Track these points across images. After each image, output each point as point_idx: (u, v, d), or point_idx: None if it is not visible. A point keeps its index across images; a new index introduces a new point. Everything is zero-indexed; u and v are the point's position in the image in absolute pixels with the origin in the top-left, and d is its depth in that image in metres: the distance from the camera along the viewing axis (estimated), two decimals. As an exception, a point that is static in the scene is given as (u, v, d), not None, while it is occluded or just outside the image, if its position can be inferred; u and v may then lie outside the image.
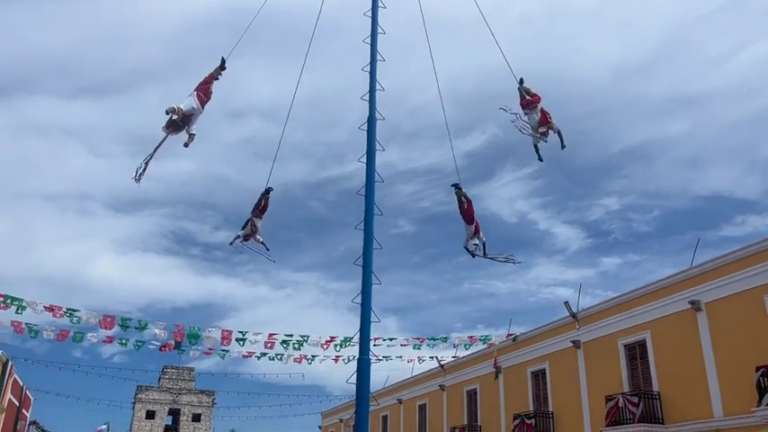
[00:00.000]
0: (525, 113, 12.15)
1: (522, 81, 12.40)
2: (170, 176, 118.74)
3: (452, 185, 13.39)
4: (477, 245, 13.44)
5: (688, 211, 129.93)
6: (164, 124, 10.27)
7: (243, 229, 14.07)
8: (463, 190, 13.33)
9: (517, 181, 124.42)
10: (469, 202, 13.42)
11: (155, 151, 10.49)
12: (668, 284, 19.52)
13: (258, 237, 13.64)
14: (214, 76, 11.14)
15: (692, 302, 18.25)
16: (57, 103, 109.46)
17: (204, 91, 10.88)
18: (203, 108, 10.72)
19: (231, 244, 13.79)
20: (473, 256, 13.56)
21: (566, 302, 23.70)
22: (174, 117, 10.20)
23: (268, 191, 14.06)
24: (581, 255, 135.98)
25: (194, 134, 10.63)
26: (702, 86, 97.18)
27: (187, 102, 10.51)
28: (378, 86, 14.03)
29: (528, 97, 12.22)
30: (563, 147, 12.20)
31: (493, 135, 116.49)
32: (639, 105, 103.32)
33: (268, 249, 13.69)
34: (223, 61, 11.25)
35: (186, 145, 10.65)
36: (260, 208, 14.06)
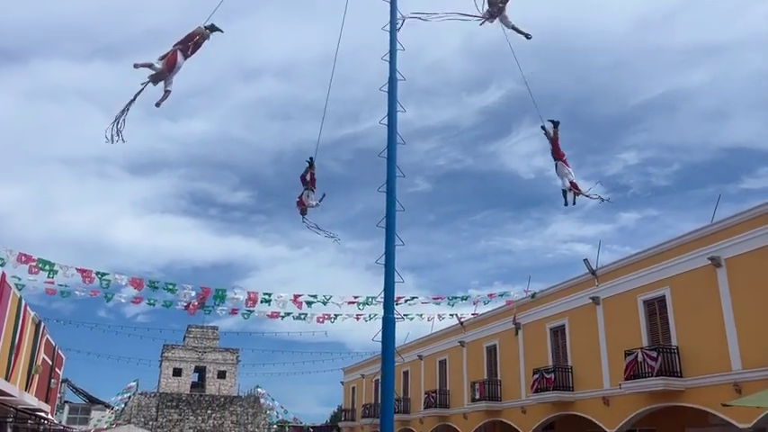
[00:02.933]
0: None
1: (557, 124, 12.27)
2: (185, 137, 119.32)
3: (550, 121, 12.91)
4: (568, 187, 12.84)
5: (709, 165, 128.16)
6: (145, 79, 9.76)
7: (298, 206, 14.18)
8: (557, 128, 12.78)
9: (534, 137, 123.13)
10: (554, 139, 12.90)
11: (129, 105, 9.92)
12: (688, 241, 19.59)
13: (311, 203, 13.64)
14: (202, 35, 10.18)
15: (711, 258, 18.34)
16: (72, 66, 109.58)
17: (186, 49, 10.15)
18: (182, 63, 10.09)
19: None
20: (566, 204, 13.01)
21: (585, 259, 23.90)
22: (158, 66, 9.73)
23: (311, 163, 13.98)
24: (599, 210, 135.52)
25: (170, 91, 10.01)
26: (725, 35, 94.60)
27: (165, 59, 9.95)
28: (398, 46, 14.02)
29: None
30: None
31: (510, 90, 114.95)
32: (661, 56, 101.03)
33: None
34: (212, 26, 10.29)
35: (158, 104, 10.06)
36: (308, 180, 14.06)
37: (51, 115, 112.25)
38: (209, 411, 55.49)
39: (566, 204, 12.65)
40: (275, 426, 53.13)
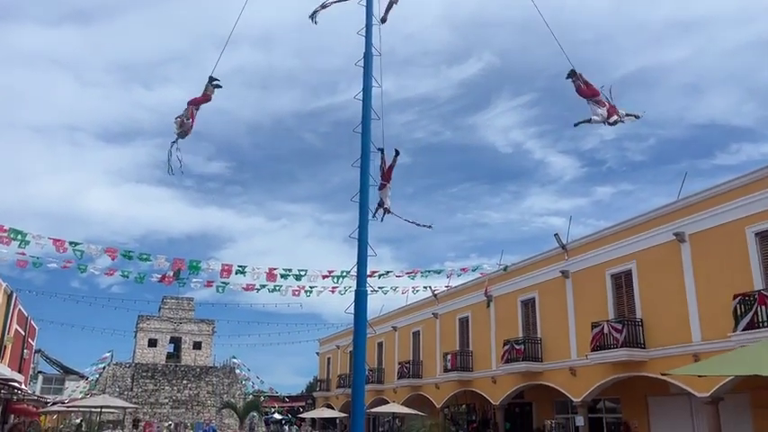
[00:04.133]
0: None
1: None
2: (160, 105, 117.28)
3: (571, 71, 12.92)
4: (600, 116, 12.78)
5: (683, 140, 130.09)
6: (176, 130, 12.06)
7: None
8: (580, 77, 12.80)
9: (513, 110, 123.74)
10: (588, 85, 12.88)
11: (174, 155, 12.08)
12: (654, 217, 20.12)
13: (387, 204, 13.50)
14: (208, 98, 12.17)
15: (676, 234, 18.89)
16: (41, 30, 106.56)
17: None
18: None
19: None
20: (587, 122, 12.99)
21: (555, 234, 24.39)
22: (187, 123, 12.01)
23: (397, 154, 13.56)
24: (575, 184, 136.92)
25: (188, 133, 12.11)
26: (704, 10, 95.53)
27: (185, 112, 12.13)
28: (374, 21, 14.05)
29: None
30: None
31: (489, 63, 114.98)
32: (641, 31, 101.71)
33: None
34: (211, 80, 11.97)
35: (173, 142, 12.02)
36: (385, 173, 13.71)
37: (20, 81, 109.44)
38: (184, 381, 55.74)
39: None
40: (251, 395, 53.64)
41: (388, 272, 24.33)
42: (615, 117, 12.07)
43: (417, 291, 30.80)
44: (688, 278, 18.55)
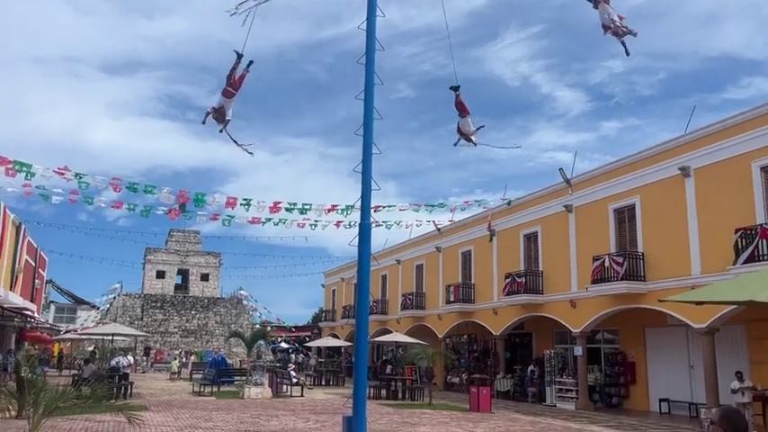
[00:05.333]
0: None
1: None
2: (162, 37, 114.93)
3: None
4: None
5: (694, 74, 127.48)
6: (203, 120, 12.04)
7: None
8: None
9: (521, 42, 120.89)
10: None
11: (236, 141, 12.08)
12: (660, 151, 19.98)
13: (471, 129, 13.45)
14: (236, 72, 11.92)
15: (681, 168, 18.81)
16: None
17: (232, 86, 11.99)
18: (233, 98, 12.09)
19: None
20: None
21: (560, 169, 24.31)
22: (213, 116, 11.88)
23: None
24: (582, 119, 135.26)
25: (229, 120, 11.99)
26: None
27: (216, 100, 12.14)
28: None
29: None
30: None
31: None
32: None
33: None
34: (239, 55, 11.81)
35: (221, 131, 12.01)
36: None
37: (19, 11, 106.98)
38: (193, 312, 57.11)
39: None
40: (258, 325, 54.98)
41: (391, 205, 24.40)
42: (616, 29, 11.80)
43: (421, 224, 31.01)
44: (691, 213, 18.59)
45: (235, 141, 12.25)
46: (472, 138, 14.18)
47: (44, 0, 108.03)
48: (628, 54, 11.88)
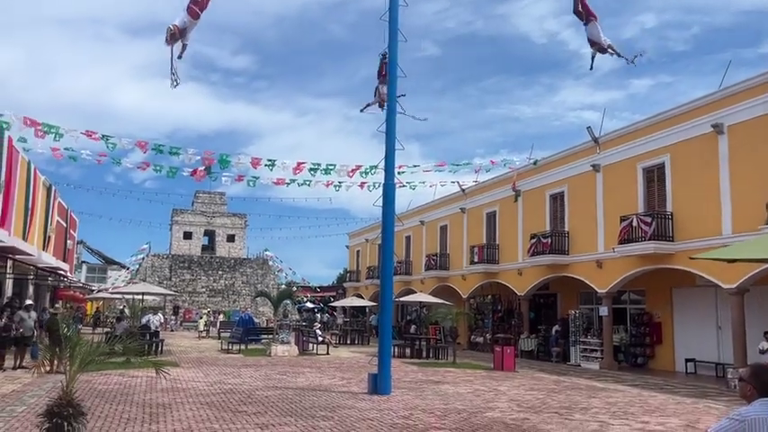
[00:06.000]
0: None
1: None
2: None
3: None
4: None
5: (729, 28, 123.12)
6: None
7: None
8: None
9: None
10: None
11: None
12: (692, 108, 19.43)
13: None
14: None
15: (714, 126, 18.29)
16: None
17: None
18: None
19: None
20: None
21: (588, 127, 23.84)
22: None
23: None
24: (611, 76, 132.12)
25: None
26: None
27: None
28: None
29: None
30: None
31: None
32: None
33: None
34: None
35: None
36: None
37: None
38: (220, 272, 58.09)
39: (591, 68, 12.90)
40: (284, 285, 55.80)
41: (415, 165, 24.16)
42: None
43: (445, 185, 30.78)
44: (723, 171, 18.14)
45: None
46: (609, 49, 13.53)
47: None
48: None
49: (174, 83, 12.59)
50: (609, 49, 12.86)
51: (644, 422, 10.90)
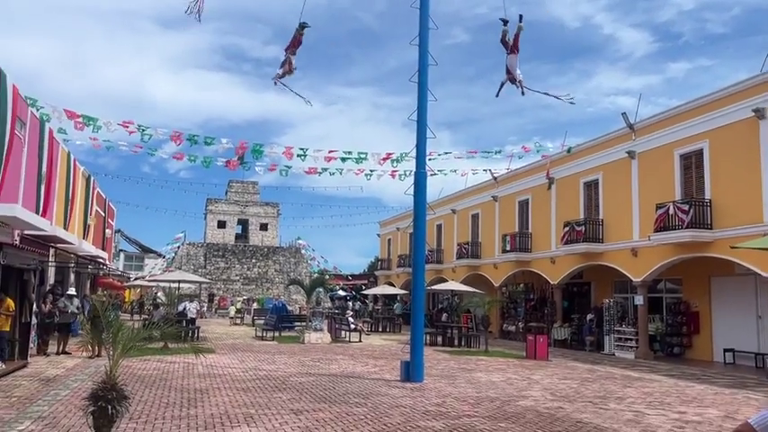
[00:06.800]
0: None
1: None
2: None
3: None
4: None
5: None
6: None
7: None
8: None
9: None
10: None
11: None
12: (732, 92, 18.90)
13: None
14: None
15: (756, 110, 17.78)
16: None
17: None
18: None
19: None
20: None
21: (623, 113, 23.40)
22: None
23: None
24: (646, 60, 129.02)
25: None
26: None
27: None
28: None
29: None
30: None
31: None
32: None
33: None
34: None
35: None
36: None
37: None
38: (253, 260, 58.87)
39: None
40: (316, 274, 56.29)
41: (447, 152, 24.12)
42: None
43: (477, 173, 30.65)
44: (765, 157, 17.63)
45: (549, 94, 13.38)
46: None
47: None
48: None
49: (308, 102, 15.67)
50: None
51: (681, 412, 10.76)
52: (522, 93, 13.99)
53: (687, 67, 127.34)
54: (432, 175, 26.05)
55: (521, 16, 13.98)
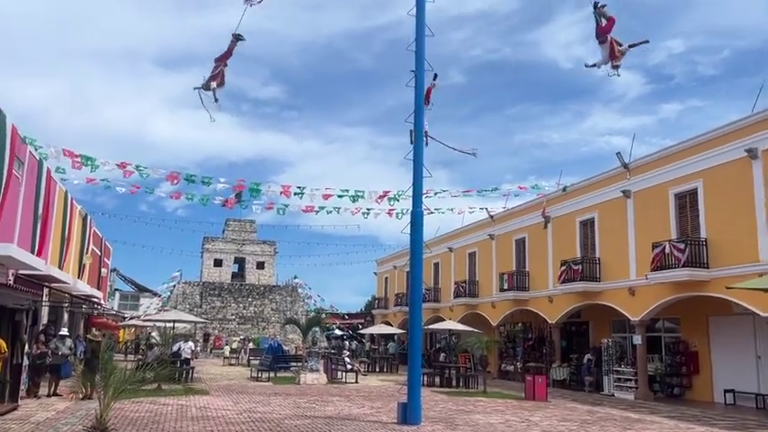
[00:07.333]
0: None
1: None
2: (215, 30, 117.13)
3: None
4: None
5: (761, 51, 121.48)
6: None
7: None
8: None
9: (575, 24, 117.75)
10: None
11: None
12: (725, 132, 19.13)
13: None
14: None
15: (748, 150, 17.97)
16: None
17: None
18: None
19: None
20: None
21: (617, 153, 23.65)
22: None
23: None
24: (639, 102, 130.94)
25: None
26: None
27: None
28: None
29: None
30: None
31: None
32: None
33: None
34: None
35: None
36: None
37: (80, 7, 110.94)
38: (249, 299, 58.43)
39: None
40: (312, 313, 55.84)
41: (444, 190, 24.22)
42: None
43: (473, 211, 30.70)
44: (758, 196, 17.75)
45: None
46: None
47: (105, 0, 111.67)
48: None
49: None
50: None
51: (682, 456, 10.57)
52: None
53: (679, 107, 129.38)
54: (428, 213, 26.15)
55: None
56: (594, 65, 12.62)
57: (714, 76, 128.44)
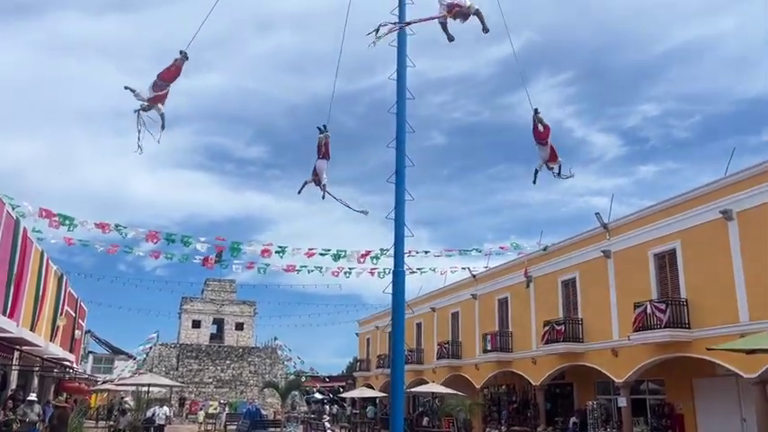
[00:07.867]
0: (537, 145, 12.95)
1: (536, 111, 12.90)
2: (199, 90, 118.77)
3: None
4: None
5: (730, 116, 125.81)
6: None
7: (154, 91, 12.39)
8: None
9: (552, 88, 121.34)
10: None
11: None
12: (700, 194, 19.54)
13: (160, 107, 12.40)
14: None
15: (723, 212, 18.32)
16: (86, 19, 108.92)
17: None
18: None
19: (137, 113, 12.42)
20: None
21: (597, 213, 23.94)
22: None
23: (184, 55, 12.36)
24: (617, 163, 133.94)
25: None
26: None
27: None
28: (408, 0, 13.91)
29: (540, 129, 12.85)
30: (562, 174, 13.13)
31: (528, 40, 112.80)
32: (684, 3, 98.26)
33: (163, 129, 12.38)
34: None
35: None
36: (176, 73, 12.62)
37: (66, 69, 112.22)
38: (227, 361, 57.02)
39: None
40: (292, 375, 54.59)
41: (426, 251, 24.27)
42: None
43: (455, 271, 30.75)
44: (735, 257, 17.99)
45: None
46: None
47: (92, 60, 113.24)
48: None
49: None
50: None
51: None
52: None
53: (655, 169, 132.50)
54: (411, 273, 26.06)
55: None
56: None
57: (688, 138, 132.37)
